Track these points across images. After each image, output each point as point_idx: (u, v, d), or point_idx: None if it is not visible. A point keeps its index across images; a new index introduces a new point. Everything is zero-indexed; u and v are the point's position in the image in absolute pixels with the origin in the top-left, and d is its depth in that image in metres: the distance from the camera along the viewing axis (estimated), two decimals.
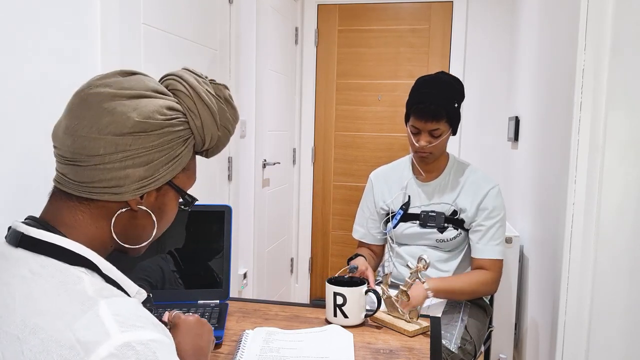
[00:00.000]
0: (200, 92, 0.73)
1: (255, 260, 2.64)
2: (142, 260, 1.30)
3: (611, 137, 1.37)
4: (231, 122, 0.78)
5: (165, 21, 1.74)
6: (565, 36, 1.59)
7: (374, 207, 1.77)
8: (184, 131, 0.70)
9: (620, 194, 1.37)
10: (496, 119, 3.13)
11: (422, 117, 1.56)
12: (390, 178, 1.76)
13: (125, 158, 0.66)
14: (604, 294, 1.40)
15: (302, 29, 3.35)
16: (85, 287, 0.61)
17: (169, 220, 0.77)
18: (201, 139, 0.74)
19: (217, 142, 0.77)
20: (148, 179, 0.68)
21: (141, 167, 0.67)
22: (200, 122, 0.72)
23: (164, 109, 0.68)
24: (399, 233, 1.70)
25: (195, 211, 1.32)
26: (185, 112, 0.71)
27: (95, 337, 0.55)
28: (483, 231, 1.62)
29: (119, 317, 0.58)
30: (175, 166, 0.71)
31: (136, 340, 0.56)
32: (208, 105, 0.73)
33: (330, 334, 1.18)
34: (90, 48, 1.36)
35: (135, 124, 0.65)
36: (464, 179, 1.67)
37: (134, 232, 0.73)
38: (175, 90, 0.72)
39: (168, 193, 0.73)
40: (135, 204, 0.69)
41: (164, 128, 0.67)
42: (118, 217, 0.70)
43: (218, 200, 2.21)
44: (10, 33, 1.10)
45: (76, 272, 0.63)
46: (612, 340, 1.39)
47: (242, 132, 2.48)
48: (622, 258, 1.38)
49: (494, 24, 3.09)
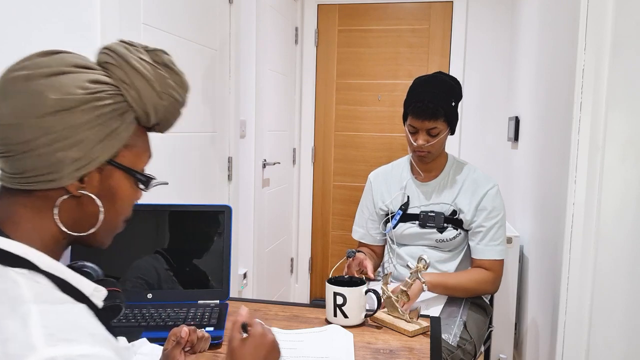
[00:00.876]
0: (131, 59, 0.66)
1: (255, 260, 2.64)
2: (139, 260, 1.30)
3: (611, 137, 1.37)
4: (175, 88, 0.70)
5: (165, 21, 1.74)
6: (565, 36, 1.59)
7: (373, 207, 1.77)
8: (117, 104, 0.64)
9: (620, 194, 1.37)
10: (496, 119, 3.13)
11: (419, 116, 1.55)
12: (389, 178, 1.76)
13: (52, 141, 0.61)
14: (604, 294, 1.40)
15: (302, 29, 3.35)
16: (21, 292, 0.56)
17: (126, 205, 0.70)
18: (143, 112, 0.67)
19: (166, 113, 0.70)
20: (83, 160, 0.63)
21: (72, 149, 0.62)
22: (136, 92, 0.66)
23: (86, 82, 0.62)
24: (398, 233, 1.69)
25: (195, 211, 1.32)
26: (117, 84, 0.65)
27: (21, 350, 0.51)
28: (483, 232, 1.61)
29: (48, 328, 0.53)
30: (112, 143, 0.65)
31: (63, 355, 0.52)
32: (142, 73, 0.66)
33: (331, 334, 1.18)
34: (90, 48, 1.36)
35: (54, 103, 0.60)
36: (462, 179, 1.66)
37: (86, 221, 0.67)
38: (104, 63, 0.66)
39: (114, 174, 0.67)
40: (76, 189, 0.64)
41: (88, 103, 0.62)
42: (62, 206, 0.64)
43: (218, 200, 2.21)
44: (10, 33, 1.10)
45: (14, 275, 0.58)
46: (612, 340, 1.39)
47: (242, 132, 2.48)
48: (622, 258, 1.38)
49: (494, 24, 3.09)
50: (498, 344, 2.28)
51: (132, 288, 1.28)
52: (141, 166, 0.71)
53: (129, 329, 1.13)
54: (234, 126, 2.32)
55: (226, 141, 2.28)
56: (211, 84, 2.11)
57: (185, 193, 1.93)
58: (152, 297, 1.29)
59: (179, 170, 1.89)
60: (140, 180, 0.70)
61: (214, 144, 2.17)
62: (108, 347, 0.56)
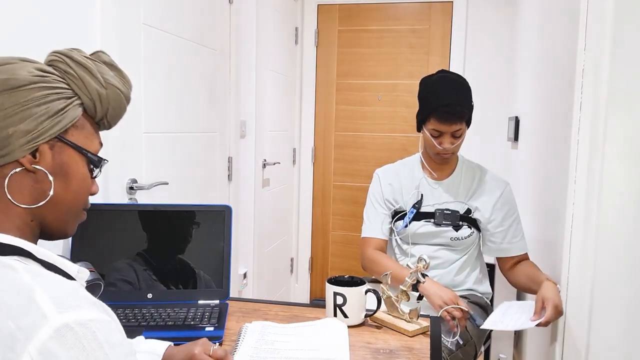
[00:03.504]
0: (73, 55, 0.73)
1: (255, 260, 2.64)
2: (140, 259, 1.30)
3: (611, 137, 1.37)
4: (117, 80, 0.76)
5: (165, 21, 1.74)
6: (565, 36, 1.59)
7: (383, 200, 1.75)
8: (63, 90, 0.70)
9: (620, 194, 1.37)
10: (496, 119, 3.13)
11: (447, 120, 1.54)
12: (400, 176, 1.75)
13: (2, 117, 0.65)
14: (604, 294, 1.40)
15: (302, 29, 3.35)
16: (19, 274, 0.61)
17: (81, 187, 0.74)
18: (88, 99, 0.72)
19: (111, 103, 0.75)
20: (32, 134, 0.67)
21: (22, 123, 0.66)
22: (80, 81, 0.71)
23: (33, 69, 0.68)
24: (412, 232, 1.69)
25: (195, 211, 1.33)
26: (62, 75, 0.71)
27: (34, 321, 0.56)
28: (505, 230, 1.66)
29: (55, 298, 0.58)
30: (60, 119, 0.69)
31: (74, 320, 0.57)
32: (83, 64, 0.72)
33: (324, 327, 1.20)
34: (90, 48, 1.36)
35: (3, 82, 0.65)
36: (476, 178, 1.69)
37: (41, 199, 0.70)
38: (50, 61, 0.73)
39: (65, 151, 0.71)
40: (29, 163, 0.68)
41: (35, 83, 0.67)
42: (18, 182, 0.68)
43: (218, 200, 2.21)
44: (10, 33, 1.10)
45: (8, 261, 0.63)
46: (612, 340, 1.39)
47: (242, 132, 2.48)
48: (622, 258, 1.38)
49: (494, 24, 3.09)
50: (498, 344, 2.28)
51: (132, 287, 1.28)
52: (92, 150, 0.75)
53: (129, 329, 1.13)
54: (234, 126, 2.32)
55: (226, 141, 2.28)
56: (211, 84, 2.11)
57: (186, 193, 1.93)
58: (152, 297, 1.29)
59: (179, 170, 1.89)
60: (91, 160, 0.74)
61: (214, 144, 2.17)
62: (109, 314, 0.62)
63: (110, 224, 1.30)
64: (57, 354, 0.55)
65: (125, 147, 1.54)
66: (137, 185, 1.59)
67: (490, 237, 1.68)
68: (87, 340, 0.57)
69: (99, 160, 0.75)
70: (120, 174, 1.52)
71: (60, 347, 0.55)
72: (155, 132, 1.72)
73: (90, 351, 0.57)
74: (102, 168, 0.77)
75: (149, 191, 1.66)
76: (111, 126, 0.79)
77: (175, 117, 1.85)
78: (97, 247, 1.28)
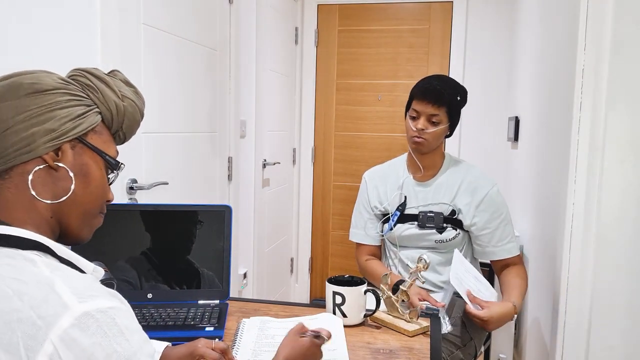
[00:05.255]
0: (93, 71, 0.77)
1: (255, 260, 2.64)
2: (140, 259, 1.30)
3: (611, 137, 1.37)
4: (133, 96, 0.80)
5: (165, 21, 1.74)
6: (565, 36, 1.59)
7: (369, 206, 1.75)
8: (84, 99, 0.74)
9: (620, 194, 1.37)
10: (496, 119, 3.13)
11: (425, 97, 1.55)
12: (386, 178, 1.74)
13: (28, 117, 0.69)
14: (604, 294, 1.40)
15: (302, 29, 3.35)
16: (39, 268, 0.63)
17: (99, 189, 0.77)
18: (107, 109, 0.76)
19: (126, 114, 0.79)
20: (56, 131, 0.70)
21: (46, 123, 0.70)
22: (99, 93, 0.75)
23: (57, 78, 0.73)
24: (397, 235, 1.68)
25: (195, 211, 1.33)
26: (83, 87, 0.75)
27: (55, 310, 0.58)
28: (490, 233, 1.62)
29: (75, 289, 0.61)
30: (80, 122, 0.73)
31: (95, 309, 0.60)
32: (102, 78, 0.77)
33: (321, 321, 1.22)
34: (90, 48, 1.36)
35: (29, 86, 0.70)
36: (461, 178, 1.65)
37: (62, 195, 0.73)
38: (71, 76, 0.77)
39: (85, 152, 0.74)
40: (52, 160, 0.71)
41: (59, 89, 0.71)
42: (39, 178, 0.71)
43: (218, 200, 2.21)
44: (10, 33, 1.10)
45: (29, 255, 0.65)
46: (612, 340, 1.39)
47: (242, 132, 2.48)
48: (622, 258, 1.38)
49: (494, 24, 3.09)
50: (498, 344, 2.28)
51: (132, 287, 1.28)
52: (109, 154, 0.78)
53: None
54: (234, 126, 2.32)
55: (226, 141, 2.28)
56: (211, 84, 2.11)
57: (185, 193, 1.93)
58: (152, 297, 1.29)
59: (179, 170, 1.89)
60: (109, 162, 0.78)
61: (214, 144, 2.18)
62: (123, 301, 0.65)
63: (110, 224, 1.30)
64: (79, 341, 0.57)
65: (125, 147, 1.53)
66: (137, 185, 1.59)
67: (476, 239, 1.64)
68: (108, 327, 0.60)
69: (117, 163, 0.79)
70: (120, 174, 1.52)
71: (83, 334, 0.58)
72: (155, 132, 1.72)
73: (111, 337, 0.59)
74: (119, 173, 0.81)
75: (149, 191, 1.66)
76: (126, 139, 0.82)
77: (175, 117, 1.85)
78: (97, 246, 1.28)
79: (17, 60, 1.11)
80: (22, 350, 0.57)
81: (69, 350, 0.57)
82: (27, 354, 0.56)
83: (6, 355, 0.57)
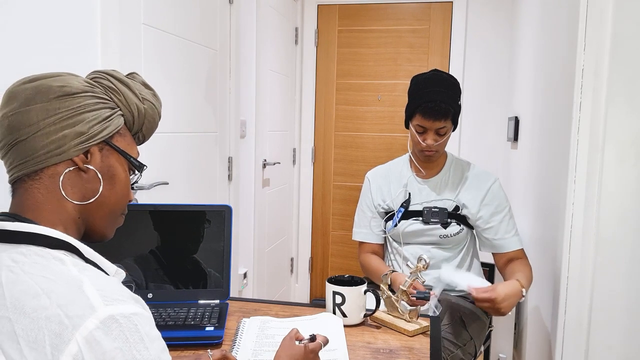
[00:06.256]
0: (114, 74, 0.79)
1: (255, 260, 2.64)
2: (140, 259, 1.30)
3: (611, 137, 1.37)
4: (151, 97, 0.83)
5: (165, 21, 1.74)
6: (565, 36, 1.59)
7: (372, 205, 1.77)
8: (108, 102, 0.76)
9: (620, 194, 1.37)
10: (496, 119, 3.13)
11: (431, 116, 1.55)
12: (389, 177, 1.76)
13: (58, 120, 0.71)
14: (604, 294, 1.40)
15: (302, 29, 3.35)
16: (67, 267, 0.65)
17: (123, 189, 0.79)
18: (128, 111, 0.78)
19: (146, 116, 0.81)
20: (86, 134, 0.72)
21: (76, 126, 0.72)
22: (122, 96, 0.78)
23: (82, 80, 0.75)
24: (401, 231, 1.69)
25: (196, 211, 1.33)
26: (105, 90, 0.77)
27: (82, 311, 0.59)
28: (496, 226, 1.64)
29: (102, 291, 0.62)
30: (107, 125, 0.75)
31: (119, 313, 0.61)
32: (124, 81, 0.79)
33: (321, 321, 1.22)
34: (90, 48, 1.36)
35: (58, 89, 0.71)
36: (464, 175, 1.68)
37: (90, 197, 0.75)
38: (92, 78, 0.78)
39: (112, 155, 0.77)
40: (82, 162, 0.73)
41: (86, 92, 0.73)
42: (69, 180, 0.72)
43: (218, 200, 2.21)
44: (10, 33, 1.10)
45: (57, 254, 0.67)
46: (612, 340, 1.39)
47: (242, 132, 2.48)
48: (622, 258, 1.38)
49: (494, 24, 3.09)
50: (498, 344, 2.28)
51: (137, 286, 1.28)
52: (132, 155, 0.81)
53: None
54: (234, 126, 2.32)
55: (226, 141, 2.28)
56: (211, 84, 2.11)
57: (186, 193, 1.93)
58: (152, 296, 1.29)
59: (179, 170, 1.89)
60: (133, 164, 0.80)
61: (214, 144, 2.18)
62: (146, 308, 0.67)
63: None
64: (102, 343, 0.58)
65: None
66: (137, 185, 1.59)
67: (482, 232, 1.67)
68: (130, 332, 0.61)
69: (140, 165, 0.81)
70: None
71: (106, 337, 0.59)
72: (155, 132, 1.72)
73: (132, 343, 0.60)
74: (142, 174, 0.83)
75: (149, 191, 1.66)
76: (145, 140, 0.85)
77: (175, 117, 1.85)
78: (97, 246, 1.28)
79: (16, 60, 1.11)
80: (48, 348, 0.57)
81: (91, 351, 0.58)
82: (52, 352, 0.57)
83: (31, 352, 0.57)
